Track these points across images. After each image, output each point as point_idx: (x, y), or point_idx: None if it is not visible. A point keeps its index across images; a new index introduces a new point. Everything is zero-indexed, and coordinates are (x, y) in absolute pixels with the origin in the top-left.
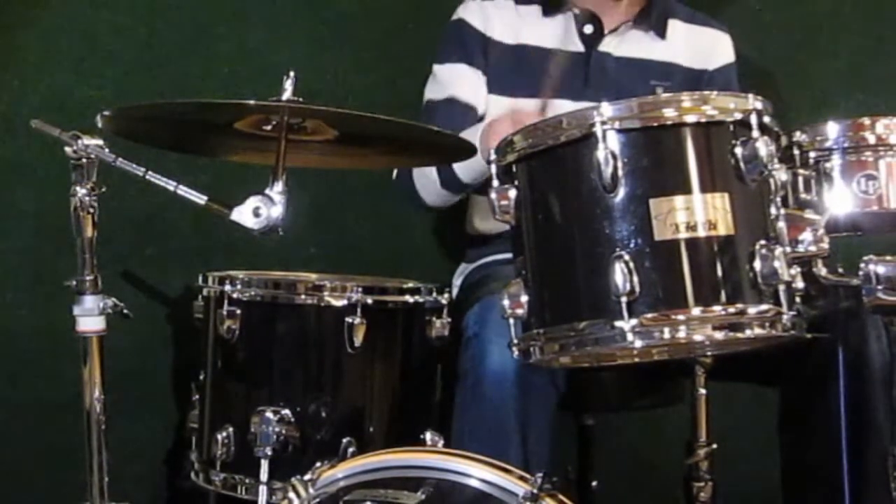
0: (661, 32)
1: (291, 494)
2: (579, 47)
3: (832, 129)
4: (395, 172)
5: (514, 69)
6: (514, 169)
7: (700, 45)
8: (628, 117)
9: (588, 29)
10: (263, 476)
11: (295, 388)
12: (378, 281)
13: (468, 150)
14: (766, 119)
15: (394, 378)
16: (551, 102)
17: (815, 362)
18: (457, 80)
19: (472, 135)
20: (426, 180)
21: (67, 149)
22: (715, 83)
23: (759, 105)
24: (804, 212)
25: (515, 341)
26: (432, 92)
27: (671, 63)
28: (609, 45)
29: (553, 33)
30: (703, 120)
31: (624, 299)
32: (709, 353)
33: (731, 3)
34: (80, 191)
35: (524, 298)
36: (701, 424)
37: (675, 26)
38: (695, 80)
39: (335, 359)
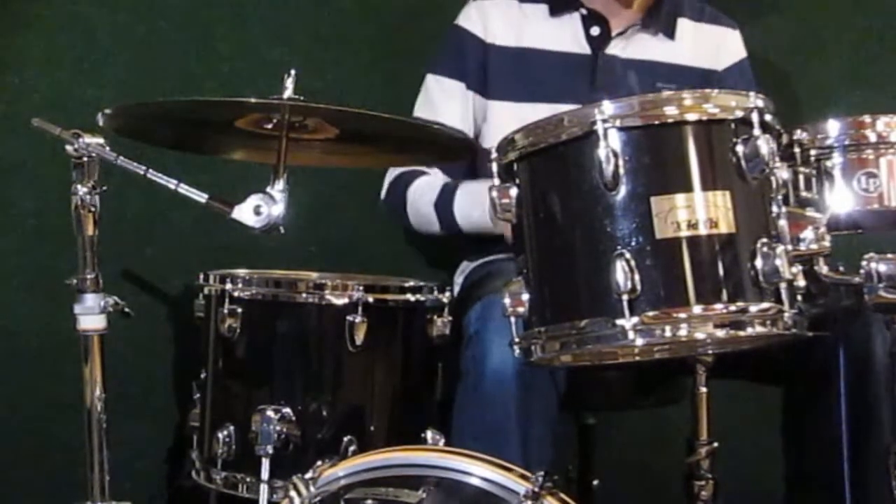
0: (670, 33)
1: (292, 493)
2: (585, 49)
3: (833, 127)
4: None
5: (516, 74)
6: (515, 167)
7: (708, 44)
8: (629, 115)
9: (595, 31)
10: (264, 475)
11: (296, 386)
12: (379, 279)
13: (468, 149)
14: (768, 117)
15: (395, 376)
16: None
17: (816, 361)
18: (446, 102)
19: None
20: (422, 219)
21: (68, 147)
22: (725, 84)
23: (760, 103)
24: (805, 210)
25: (516, 340)
26: (422, 109)
27: (679, 65)
28: (616, 48)
29: (559, 35)
30: (705, 118)
31: (625, 297)
32: (710, 352)
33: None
34: (81, 189)
35: (525, 297)
36: (702, 423)
37: (683, 25)
38: (704, 80)
39: (336, 357)
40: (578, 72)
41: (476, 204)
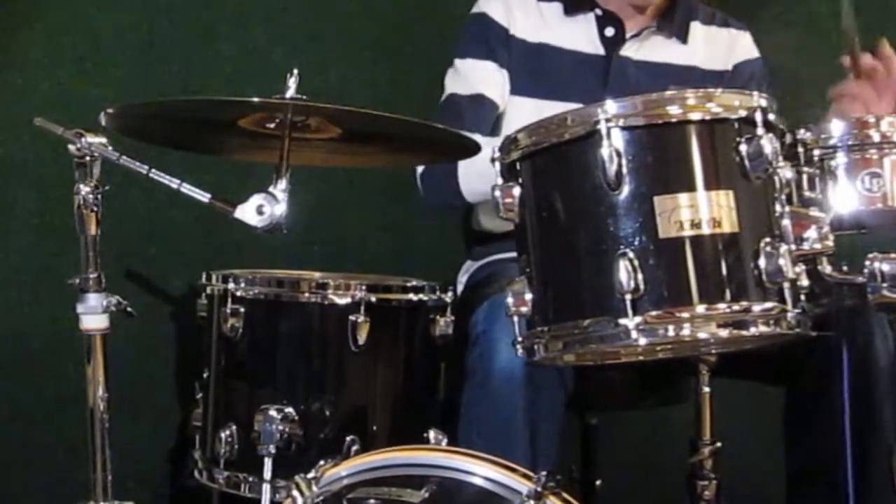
0: (683, 37)
1: (295, 493)
2: (599, 50)
3: (836, 127)
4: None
5: (532, 70)
6: (518, 166)
7: (718, 47)
8: (633, 114)
9: (609, 32)
10: (267, 474)
11: (298, 386)
12: (382, 279)
13: (472, 149)
14: (771, 116)
15: (397, 376)
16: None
17: (819, 360)
18: (484, 78)
19: None
20: (480, 180)
21: (71, 147)
22: (736, 80)
23: (763, 102)
24: (809, 209)
25: (520, 339)
26: (457, 86)
27: (691, 67)
28: (629, 50)
29: (573, 34)
30: (708, 117)
31: (628, 297)
32: (713, 351)
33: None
34: (84, 189)
35: (528, 296)
36: (705, 423)
37: (695, 29)
38: (715, 82)
39: (339, 357)
40: (591, 72)
41: None
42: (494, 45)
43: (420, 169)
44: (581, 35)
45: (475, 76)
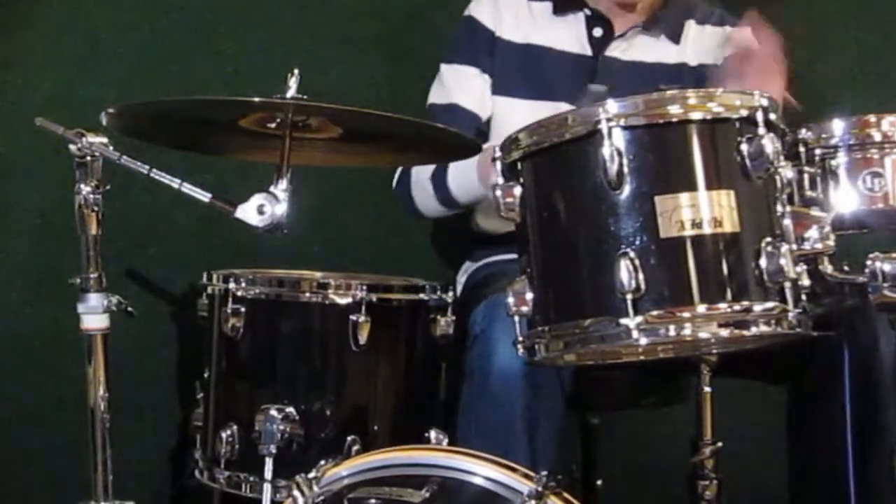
0: (676, 37)
1: (296, 492)
2: (587, 50)
3: (838, 127)
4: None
5: (521, 70)
6: (518, 166)
7: (711, 44)
8: (634, 114)
9: (597, 32)
10: (268, 474)
11: (299, 386)
12: (382, 279)
13: (473, 149)
14: (772, 116)
15: (398, 376)
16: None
17: (820, 360)
18: (461, 85)
19: (468, 165)
20: (424, 195)
21: (72, 147)
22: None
23: (764, 102)
24: (810, 209)
25: (520, 339)
26: (436, 96)
27: (680, 65)
28: (616, 50)
29: (562, 34)
30: (709, 117)
31: (629, 297)
32: (714, 351)
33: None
34: (85, 189)
35: (529, 296)
36: (706, 423)
37: (689, 28)
38: (703, 78)
39: (339, 357)
40: (580, 72)
41: (469, 167)
42: (478, 50)
43: (397, 174)
44: (569, 35)
45: (453, 84)
